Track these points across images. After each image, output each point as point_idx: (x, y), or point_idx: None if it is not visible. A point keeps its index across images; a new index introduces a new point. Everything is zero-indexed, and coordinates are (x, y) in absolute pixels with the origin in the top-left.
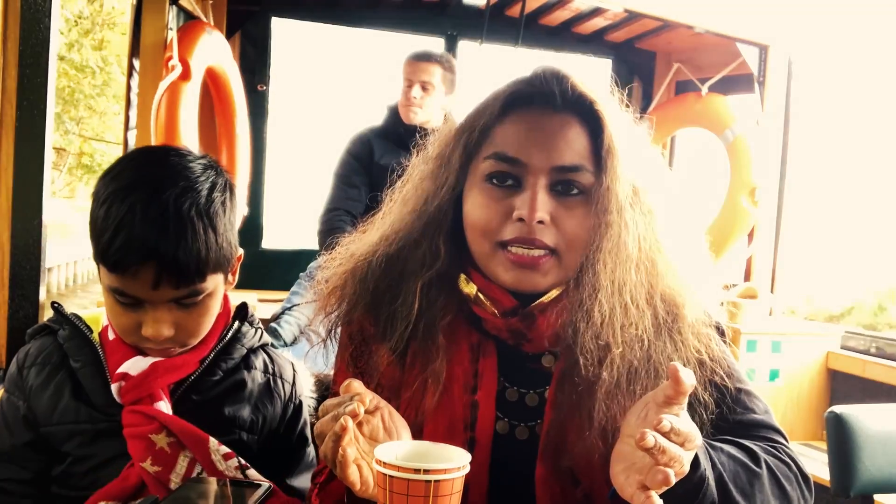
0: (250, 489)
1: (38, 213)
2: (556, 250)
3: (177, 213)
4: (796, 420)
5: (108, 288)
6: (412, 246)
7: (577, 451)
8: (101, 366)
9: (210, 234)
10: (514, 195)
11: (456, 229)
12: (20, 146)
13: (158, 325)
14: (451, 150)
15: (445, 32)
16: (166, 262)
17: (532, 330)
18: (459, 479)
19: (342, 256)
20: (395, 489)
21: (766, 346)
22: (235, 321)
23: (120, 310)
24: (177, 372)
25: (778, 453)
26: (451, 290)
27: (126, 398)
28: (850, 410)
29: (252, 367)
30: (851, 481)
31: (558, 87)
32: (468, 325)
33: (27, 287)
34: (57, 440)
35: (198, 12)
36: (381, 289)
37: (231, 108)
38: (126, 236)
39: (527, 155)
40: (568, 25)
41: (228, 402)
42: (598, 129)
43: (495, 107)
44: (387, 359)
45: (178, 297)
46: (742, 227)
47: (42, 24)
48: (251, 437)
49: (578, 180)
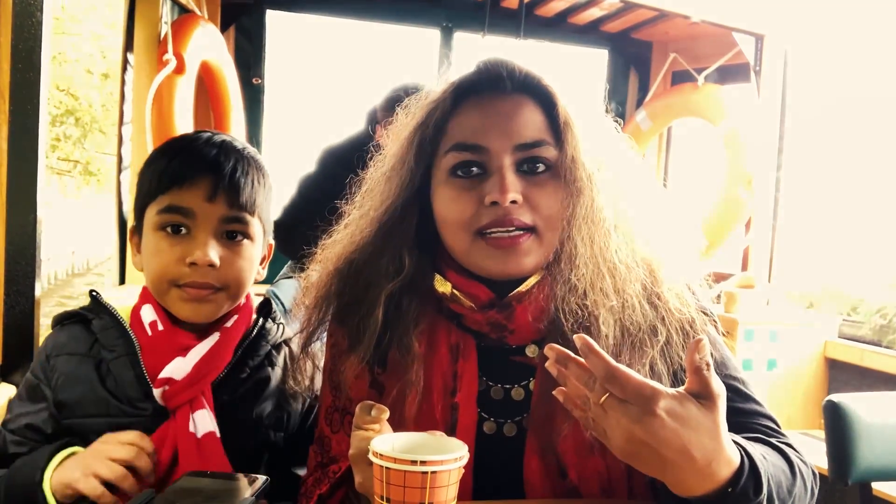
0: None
1: (33, 208)
2: (534, 228)
3: (233, 146)
4: (794, 409)
5: (158, 215)
6: (376, 255)
7: (564, 442)
8: (135, 357)
9: (260, 178)
10: (483, 183)
11: (421, 234)
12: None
13: (206, 248)
14: (405, 151)
15: (441, 24)
16: (223, 176)
17: (512, 320)
18: (456, 470)
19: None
20: (392, 481)
21: (763, 335)
22: (259, 317)
23: (166, 244)
24: (216, 367)
25: (800, 455)
26: (423, 297)
27: (172, 403)
28: (848, 399)
29: (275, 364)
30: (849, 469)
31: (505, 70)
32: (447, 325)
33: (22, 283)
34: (84, 431)
35: (192, 5)
36: (347, 301)
37: (226, 101)
38: (186, 155)
39: (487, 139)
40: (564, 16)
41: (256, 400)
42: (552, 106)
43: (446, 101)
44: (355, 371)
45: (229, 217)
46: (739, 216)
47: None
48: (278, 434)
49: (542, 155)
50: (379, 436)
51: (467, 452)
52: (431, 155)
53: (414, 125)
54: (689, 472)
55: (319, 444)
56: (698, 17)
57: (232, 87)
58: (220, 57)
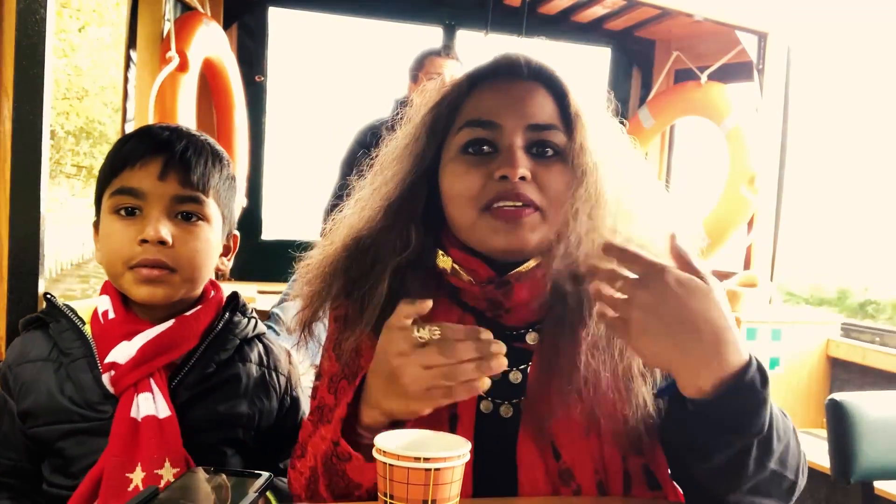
0: (251, 479)
1: (37, 205)
2: (540, 207)
3: (188, 132)
4: (796, 408)
5: (111, 198)
6: (384, 231)
7: (558, 424)
8: (93, 359)
9: (215, 162)
10: (493, 160)
11: (427, 212)
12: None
13: (158, 226)
14: (419, 130)
15: (443, 22)
16: (173, 155)
17: (509, 299)
18: (459, 467)
19: (320, 246)
20: (396, 478)
21: (766, 334)
22: (227, 312)
23: (120, 225)
24: (167, 353)
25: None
26: (427, 273)
27: (118, 387)
28: (850, 397)
29: (247, 360)
30: (851, 468)
31: (522, 60)
32: (448, 302)
33: (27, 280)
34: (48, 440)
35: (195, 3)
36: (354, 276)
37: (229, 99)
38: (139, 137)
39: (500, 117)
40: (567, 14)
41: (224, 397)
42: (563, 97)
43: (462, 84)
44: (366, 343)
45: (181, 196)
46: (742, 215)
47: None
48: (247, 433)
49: (552, 140)
50: (382, 433)
51: (469, 449)
52: (443, 133)
53: (428, 106)
54: (698, 351)
55: (318, 413)
56: (701, 15)
57: (234, 84)
58: (222, 54)
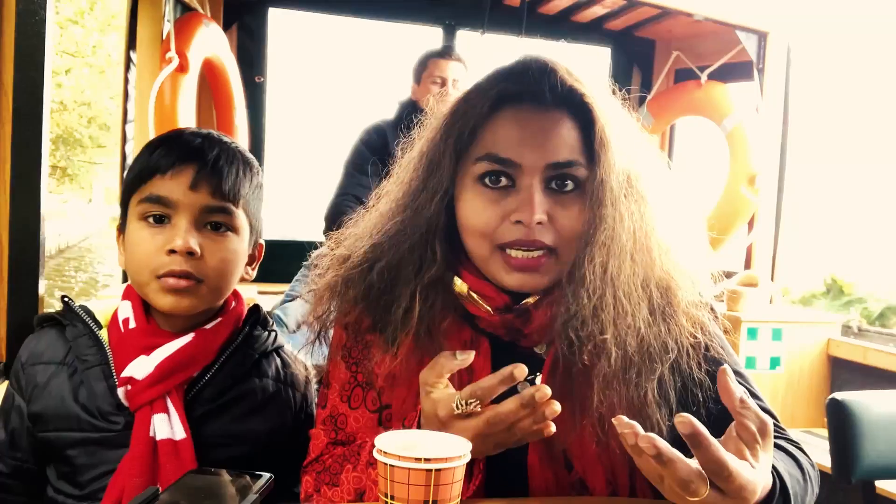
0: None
1: (36, 204)
2: (554, 249)
3: (219, 138)
4: (797, 407)
5: (139, 205)
6: (407, 251)
7: (570, 437)
8: (108, 367)
9: (246, 171)
10: (509, 195)
11: (448, 230)
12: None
13: (187, 236)
14: (440, 154)
15: (443, 22)
16: (205, 165)
17: (528, 325)
18: (460, 468)
19: (336, 255)
20: (397, 478)
21: (766, 333)
22: (247, 326)
23: (147, 233)
24: (185, 371)
25: (806, 455)
26: (446, 292)
27: (133, 403)
28: (851, 397)
29: (264, 375)
30: (852, 467)
31: (548, 83)
32: (461, 323)
33: (27, 279)
34: (58, 446)
35: (195, 4)
36: (376, 295)
37: (229, 100)
38: (169, 143)
39: (520, 155)
40: (567, 14)
41: (238, 413)
42: (589, 121)
43: (484, 105)
44: (382, 354)
45: (212, 206)
46: (742, 215)
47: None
48: (257, 449)
49: (573, 174)
50: (382, 434)
51: (469, 450)
52: (462, 154)
53: (447, 126)
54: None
55: (331, 423)
56: (701, 15)
57: (234, 85)
58: (222, 55)
